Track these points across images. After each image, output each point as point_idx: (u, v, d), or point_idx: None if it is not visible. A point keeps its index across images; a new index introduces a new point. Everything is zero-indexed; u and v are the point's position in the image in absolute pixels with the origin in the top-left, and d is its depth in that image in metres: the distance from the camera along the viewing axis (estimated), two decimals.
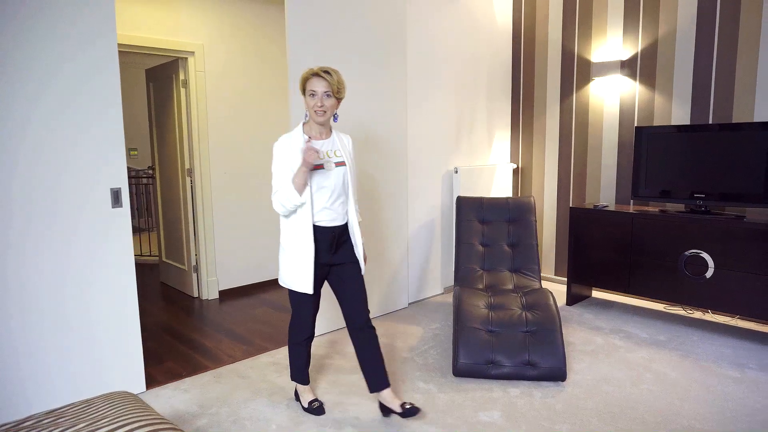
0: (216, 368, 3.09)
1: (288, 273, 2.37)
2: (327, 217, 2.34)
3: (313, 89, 2.25)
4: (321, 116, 2.28)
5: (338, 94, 2.28)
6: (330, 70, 2.25)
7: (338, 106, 2.35)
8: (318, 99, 2.25)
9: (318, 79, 2.24)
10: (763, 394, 2.69)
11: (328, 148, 2.37)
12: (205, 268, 4.47)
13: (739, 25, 3.59)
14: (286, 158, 2.29)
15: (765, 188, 3.31)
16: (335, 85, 2.25)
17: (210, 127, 4.38)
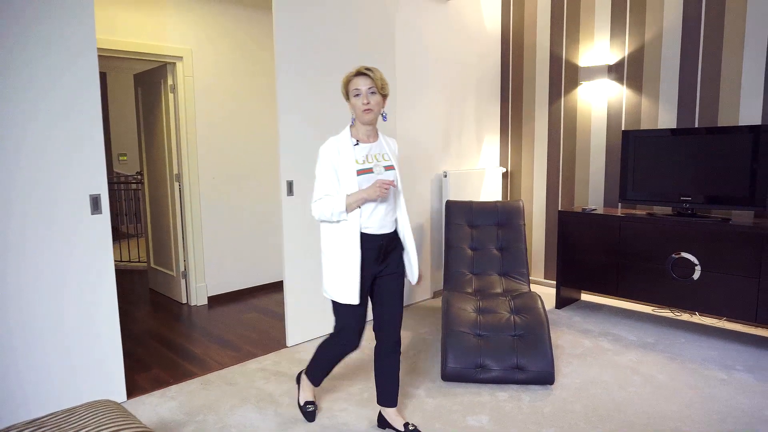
0: (203, 375, 3.07)
1: (332, 283, 2.22)
2: (376, 224, 2.20)
3: (357, 87, 2.14)
4: (369, 114, 2.15)
5: (383, 90, 2.17)
6: (371, 68, 2.17)
7: (384, 104, 2.22)
8: (363, 96, 2.14)
9: (360, 77, 2.15)
10: (750, 395, 2.70)
11: (377, 151, 2.25)
12: (193, 274, 4.44)
13: (724, 30, 3.63)
14: (333, 163, 2.17)
15: (750, 191, 3.34)
16: (379, 81, 2.14)
17: (198, 132, 4.37)
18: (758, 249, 3.18)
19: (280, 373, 3.08)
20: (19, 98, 2.34)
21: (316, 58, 3.44)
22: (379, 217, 2.21)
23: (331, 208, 2.14)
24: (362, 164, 2.18)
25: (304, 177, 3.45)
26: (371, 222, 2.20)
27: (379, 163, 2.21)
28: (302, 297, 3.51)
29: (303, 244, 3.48)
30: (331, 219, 2.16)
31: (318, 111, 3.49)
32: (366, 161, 2.19)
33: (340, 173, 2.17)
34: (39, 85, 2.38)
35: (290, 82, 3.32)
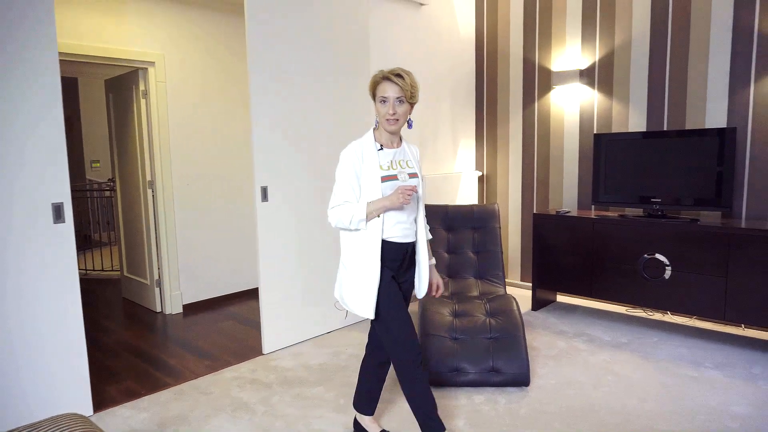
0: (177, 385, 3.02)
1: (350, 294, 2.12)
2: (400, 233, 2.10)
3: (384, 95, 2.02)
4: (393, 125, 2.05)
5: (411, 99, 2.05)
6: (402, 73, 2.01)
7: (411, 112, 2.12)
8: (389, 106, 2.02)
9: (389, 83, 2.01)
10: (719, 392, 2.76)
11: (401, 157, 2.15)
12: (168, 282, 4.37)
13: (690, 36, 3.72)
14: (356, 168, 2.07)
15: (717, 192, 3.42)
16: (408, 90, 2.01)
17: (171, 139, 4.31)
18: (725, 249, 3.25)
19: (255, 381, 3.04)
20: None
21: (290, 62, 3.42)
22: (404, 225, 2.11)
23: (350, 216, 2.03)
24: (387, 170, 2.07)
25: (279, 182, 3.43)
26: (396, 231, 2.09)
27: (403, 170, 2.11)
28: (278, 304, 3.48)
29: (278, 250, 3.45)
30: (349, 227, 2.06)
31: (292, 116, 3.47)
32: (390, 167, 2.08)
33: (363, 179, 2.06)
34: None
35: (263, 87, 3.30)
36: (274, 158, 3.39)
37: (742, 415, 2.52)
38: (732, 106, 3.58)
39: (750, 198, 3.57)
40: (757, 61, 3.46)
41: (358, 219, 2.02)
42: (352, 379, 3.02)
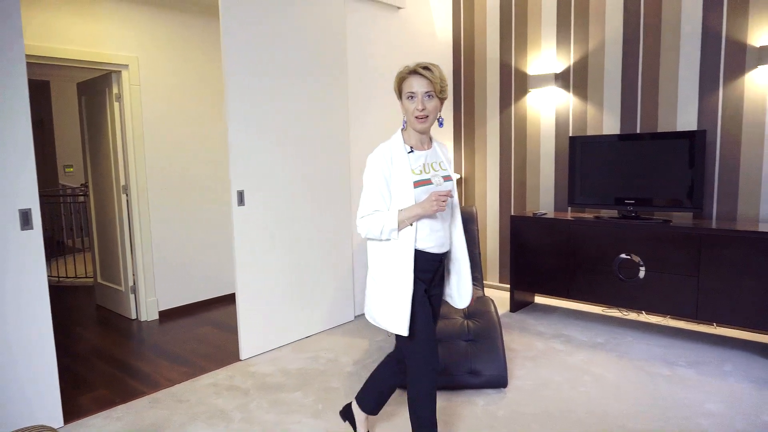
0: (152, 393, 2.96)
1: (379, 309, 1.95)
2: (435, 242, 1.94)
3: (412, 90, 1.88)
4: (422, 122, 1.89)
5: (441, 94, 1.89)
6: (430, 66, 1.87)
7: (441, 108, 1.96)
8: (418, 101, 1.87)
9: (417, 77, 1.87)
10: (692, 389, 2.81)
11: (433, 159, 1.98)
12: (143, 289, 4.30)
13: (661, 41, 3.80)
14: (385, 174, 1.91)
15: (688, 194, 3.49)
16: (438, 83, 1.86)
17: (146, 142, 4.24)
18: (696, 249, 3.32)
19: (233, 387, 3.00)
20: None
21: (266, 65, 3.40)
22: (439, 233, 1.95)
23: (381, 225, 1.87)
24: (419, 175, 1.91)
25: (256, 186, 3.40)
26: (431, 240, 1.93)
27: (437, 173, 1.95)
28: (256, 309, 3.44)
29: (255, 255, 3.42)
30: (380, 237, 1.91)
31: (269, 119, 3.45)
32: (423, 171, 1.92)
33: (394, 185, 1.90)
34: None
35: (239, 89, 3.27)
36: (251, 162, 3.36)
37: (714, 413, 2.56)
38: (702, 110, 3.66)
39: (720, 199, 3.65)
40: (725, 65, 3.55)
41: (390, 228, 1.87)
42: (330, 383, 3.01)
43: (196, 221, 4.62)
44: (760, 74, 3.43)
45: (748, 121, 3.50)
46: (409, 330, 1.91)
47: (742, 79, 3.49)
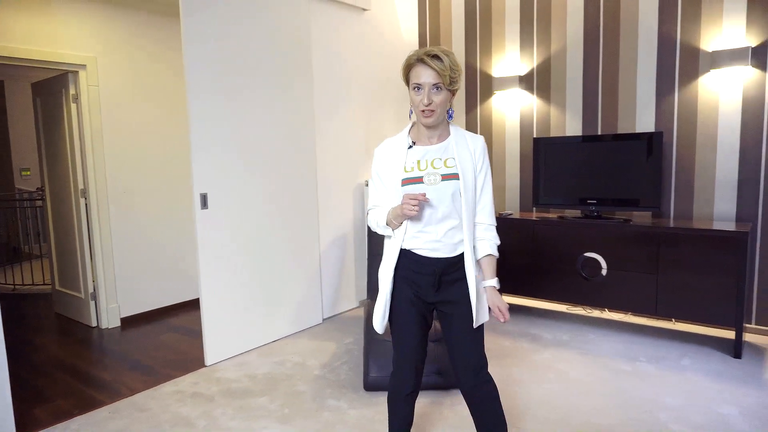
0: (112, 403, 2.87)
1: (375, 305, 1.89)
2: (425, 245, 1.78)
3: (418, 81, 1.71)
4: (429, 117, 1.72)
5: (451, 86, 1.71)
6: (440, 53, 1.67)
7: (452, 100, 1.78)
8: (424, 94, 1.70)
9: (424, 67, 1.69)
10: (652, 384, 2.88)
11: (437, 156, 1.78)
12: (104, 295, 4.17)
13: (620, 45, 3.90)
14: (378, 168, 1.84)
15: (647, 194, 3.58)
16: (447, 74, 1.67)
17: (105, 145, 4.12)
18: (655, 247, 3.41)
19: (197, 394, 2.94)
20: None
21: (229, 66, 3.35)
22: (429, 236, 1.77)
23: (375, 221, 1.83)
24: (410, 172, 1.77)
25: (219, 189, 3.34)
26: (417, 242, 1.78)
27: (435, 171, 1.75)
28: (221, 313, 3.38)
29: (220, 259, 3.36)
30: (382, 233, 1.85)
31: (233, 120, 3.40)
32: (417, 168, 1.76)
33: (386, 181, 1.81)
34: None
35: (201, 90, 3.21)
36: (214, 164, 3.31)
37: (672, 406, 2.64)
38: (659, 112, 3.78)
39: (677, 198, 3.76)
40: (680, 69, 3.66)
41: (382, 226, 1.81)
42: (297, 388, 2.97)
43: (159, 225, 4.52)
44: (712, 78, 3.55)
45: (701, 123, 3.62)
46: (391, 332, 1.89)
47: (696, 82, 3.62)
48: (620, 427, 2.46)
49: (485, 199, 1.83)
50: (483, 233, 1.82)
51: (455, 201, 1.75)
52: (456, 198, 1.75)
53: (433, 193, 1.74)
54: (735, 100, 3.49)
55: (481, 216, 1.82)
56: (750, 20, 3.39)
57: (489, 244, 1.82)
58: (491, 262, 1.83)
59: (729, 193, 3.57)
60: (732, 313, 3.18)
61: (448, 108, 1.79)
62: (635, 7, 3.80)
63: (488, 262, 1.84)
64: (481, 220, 1.82)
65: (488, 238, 1.82)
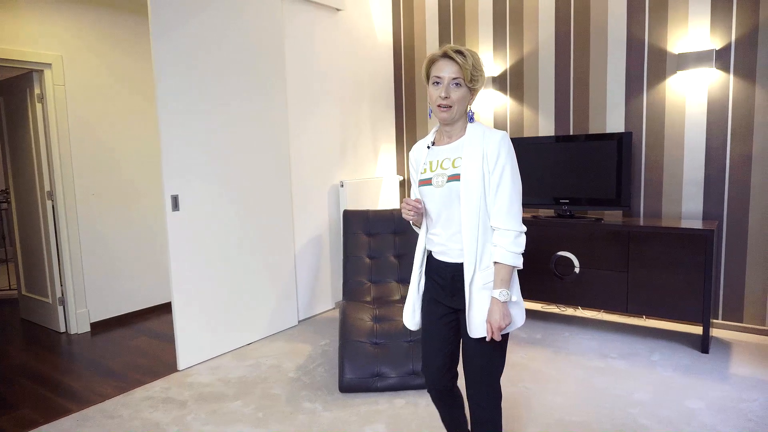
0: (81, 410, 2.80)
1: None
2: (435, 248, 1.78)
3: (439, 75, 1.67)
4: (444, 111, 1.68)
5: (472, 83, 1.67)
6: (464, 50, 1.65)
7: (473, 100, 1.74)
8: (442, 88, 1.66)
9: (446, 61, 1.66)
10: (623, 380, 2.93)
11: (447, 156, 1.73)
12: (72, 300, 4.07)
13: (590, 47, 3.96)
14: (412, 168, 1.88)
15: (617, 193, 3.65)
16: (469, 71, 1.64)
17: (73, 145, 4.02)
18: (625, 245, 3.48)
19: (169, 399, 2.88)
20: None
21: (201, 66, 3.30)
22: (439, 238, 1.76)
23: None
24: (424, 174, 1.77)
25: (191, 190, 3.29)
26: (433, 245, 1.79)
27: (443, 172, 1.71)
28: (194, 317, 3.33)
29: (192, 261, 3.31)
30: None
31: (204, 121, 3.34)
32: (429, 169, 1.75)
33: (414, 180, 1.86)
34: None
35: (171, 91, 3.15)
36: (185, 166, 3.25)
37: (642, 401, 2.69)
38: (628, 112, 3.85)
39: (647, 197, 3.84)
40: (648, 71, 3.74)
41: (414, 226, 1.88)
42: (272, 391, 2.94)
43: (129, 227, 4.42)
44: (678, 80, 3.64)
45: (669, 123, 3.70)
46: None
47: (663, 84, 3.69)
48: (592, 423, 2.50)
49: (501, 199, 1.64)
50: (497, 238, 1.66)
51: (458, 204, 1.68)
52: (458, 201, 1.67)
53: (438, 195, 1.71)
54: (700, 101, 3.58)
55: (496, 219, 1.65)
56: (714, 23, 3.48)
57: (499, 251, 1.64)
58: (500, 270, 1.65)
59: (696, 191, 3.65)
60: (699, 309, 3.26)
61: (468, 109, 1.73)
62: (605, 9, 3.86)
63: (495, 270, 1.66)
64: (496, 223, 1.65)
65: (501, 245, 1.64)
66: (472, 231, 1.65)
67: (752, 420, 2.48)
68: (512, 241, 1.64)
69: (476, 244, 1.66)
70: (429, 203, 1.75)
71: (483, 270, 1.68)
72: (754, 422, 2.46)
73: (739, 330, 3.59)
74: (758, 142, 3.42)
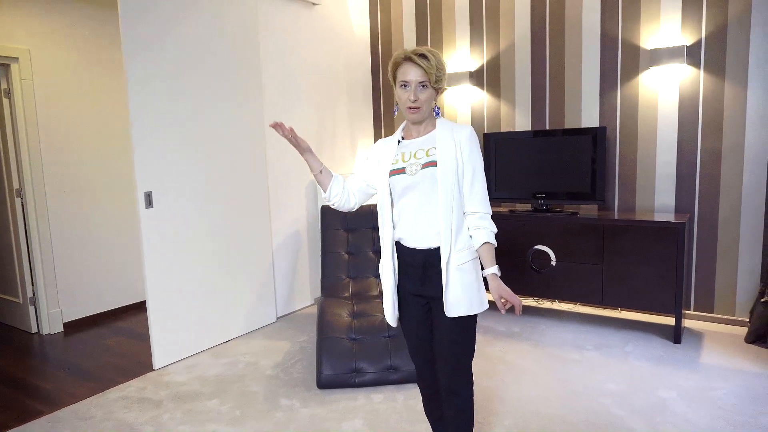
0: (53, 412, 2.74)
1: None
2: (409, 234, 1.81)
3: (405, 79, 1.74)
4: (414, 113, 1.77)
5: (437, 84, 1.76)
6: (426, 53, 1.73)
7: (437, 98, 1.82)
8: (411, 91, 1.74)
9: (411, 65, 1.73)
10: (597, 371, 2.98)
11: (419, 147, 1.81)
12: (44, 300, 3.98)
13: (565, 42, 3.99)
14: (375, 158, 1.91)
15: (592, 187, 3.69)
16: (434, 72, 1.72)
17: (42, 142, 3.92)
18: (600, 239, 3.53)
19: (144, 399, 2.84)
20: None
21: (173, 60, 3.24)
22: (413, 225, 1.80)
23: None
24: (396, 164, 1.82)
25: (165, 187, 3.23)
26: (404, 232, 1.82)
27: (417, 161, 1.78)
28: (169, 315, 3.28)
29: (167, 259, 3.26)
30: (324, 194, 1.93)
31: (177, 114, 3.29)
32: (401, 160, 1.81)
33: (374, 170, 1.91)
34: None
35: (143, 83, 3.09)
36: (159, 162, 3.20)
37: (614, 392, 2.73)
38: (603, 107, 3.89)
39: (621, 191, 3.90)
40: (622, 66, 3.79)
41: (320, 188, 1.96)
42: (249, 389, 2.92)
43: (102, 225, 4.34)
44: (651, 75, 3.69)
45: (642, 118, 3.76)
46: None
47: (636, 79, 3.75)
48: (567, 415, 2.53)
49: (477, 186, 1.77)
50: (478, 222, 1.76)
51: (433, 188, 1.75)
52: (434, 185, 1.74)
53: (411, 182, 1.77)
54: (672, 96, 3.64)
55: (474, 205, 1.77)
56: (685, 19, 3.54)
57: (485, 232, 1.75)
58: (489, 249, 1.76)
59: (668, 185, 3.72)
60: (671, 300, 3.33)
61: (434, 106, 1.83)
62: (579, 5, 3.90)
63: (486, 250, 1.76)
64: (474, 209, 1.77)
65: (483, 227, 1.76)
66: (447, 213, 1.74)
67: (721, 408, 2.54)
68: (491, 222, 1.79)
69: (451, 225, 1.75)
70: (402, 191, 1.80)
71: (458, 251, 1.75)
72: (723, 410, 2.52)
73: (710, 320, 3.68)
74: (727, 137, 3.49)
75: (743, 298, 3.54)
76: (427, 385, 1.98)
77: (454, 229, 1.75)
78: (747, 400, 2.61)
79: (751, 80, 3.37)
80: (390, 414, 2.59)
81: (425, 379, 1.97)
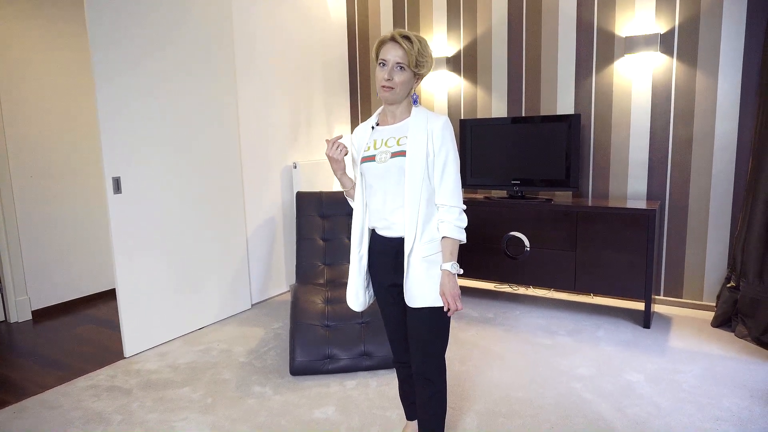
0: (18, 402, 2.69)
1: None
2: (380, 223, 1.83)
3: (384, 58, 1.73)
4: (387, 92, 1.74)
5: (417, 68, 1.73)
6: (411, 36, 1.72)
7: (417, 85, 1.81)
8: (387, 70, 1.72)
9: (393, 45, 1.72)
10: (569, 356, 3.02)
11: (391, 135, 1.80)
12: (11, 287, 3.88)
13: (542, 28, 3.99)
14: (353, 148, 1.92)
15: (566, 174, 3.72)
16: (414, 56, 1.70)
17: (7, 126, 3.79)
18: (574, 225, 3.56)
19: (114, 388, 2.80)
20: None
21: (142, 41, 3.14)
22: (383, 214, 1.81)
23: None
24: (368, 151, 1.82)
25: (134, 172, 3.16)
26: (375, 221, 1.85)
27: (387, 149, 1.78)
28: (140, 302, 3.23)
29: (137, 245, 3.20)
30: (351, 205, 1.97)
31: (146, 96, 3.20)
32: (373, 147, 1.81)
33: (355, 158, 1.91)
34: None
35: (109, 65, 2.99)
36: (127, 146, 3.12)
37: (585, 376, 2.78)
38: (578, 95, 3.91)
39: (595, 178, 3.93)
40: (597, 53, 3.80)
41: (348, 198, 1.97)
42: (222, 376, 2.90)
43: (71, 211, 4.23)
44: (625, 63, 3.71)
45: (616, 106, 3.78)
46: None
47: (611, 67, 3.76)
48: (536, 399, 2.56)
49: (447, 179, 1.74)
50: (443, 215, 1.75)
51: (401, 178, 1.74)
52: (402, 176, 1.73)
53: (381, 170, 1.77)
54: (646, 84, 3.67)
55: (442, 197, 1.74)
56: (659, 7, 3.55)
57: (448, 226, 1.73)
58: (449, 244, 1.74)
59: (641, 172, 3.76)
60: (642, 286, 3.38)
61: (412, 92, 1.82)
62: None
63: (444, 244, 1.75)
64: (442, 201, 1.75)
65: (448, 220, 1.73)
66: (413, 204, 1.72)
67: (686, 390, 2.60)
68: (457, 216, 1.75)
69: (417, 216, 1.73)
70: (371, 179, 1.80)
71: (424, 243, 1.75)
72: (687, 392, 2.58)
73: (679, 305, 3.75)
74: (698, 126, 3.54)
75: (711, 283, 3.62)
76: (403, 367, 2.03)
77: (421, 221, 1.73)
78: (711, 382, 2.67)
79: (722, 69, 3.41)
80: (362, 400, 2.59)
81: (401, 361, 2.02)
